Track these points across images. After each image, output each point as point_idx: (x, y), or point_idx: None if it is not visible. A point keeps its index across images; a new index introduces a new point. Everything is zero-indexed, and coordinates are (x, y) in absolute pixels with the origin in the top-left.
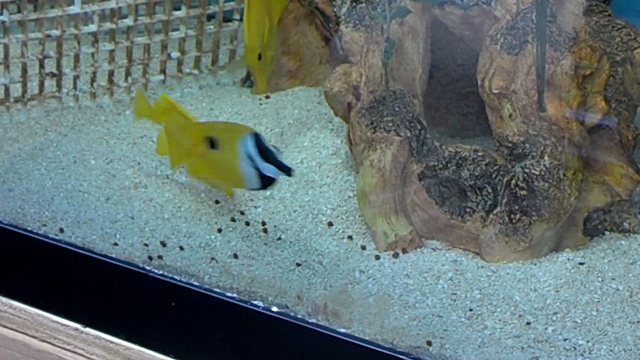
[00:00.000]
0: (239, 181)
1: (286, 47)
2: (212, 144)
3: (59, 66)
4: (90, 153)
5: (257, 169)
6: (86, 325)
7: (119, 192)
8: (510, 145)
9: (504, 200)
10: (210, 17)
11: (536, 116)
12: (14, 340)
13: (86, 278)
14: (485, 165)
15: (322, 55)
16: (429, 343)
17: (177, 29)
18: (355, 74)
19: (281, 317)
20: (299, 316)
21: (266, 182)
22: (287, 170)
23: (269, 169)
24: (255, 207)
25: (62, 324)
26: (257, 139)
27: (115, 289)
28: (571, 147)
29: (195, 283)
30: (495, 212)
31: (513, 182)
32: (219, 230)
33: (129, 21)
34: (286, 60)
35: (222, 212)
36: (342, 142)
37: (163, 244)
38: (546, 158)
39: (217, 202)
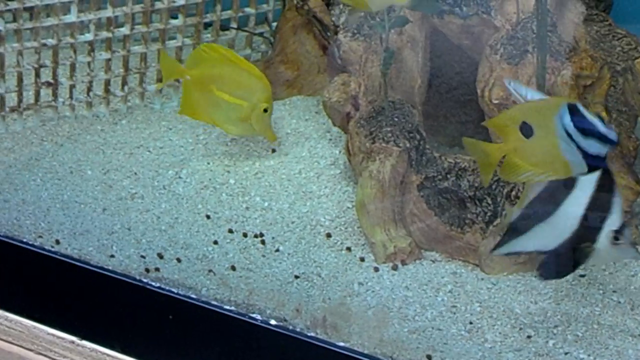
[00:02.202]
0: (566, 168)
1: (284, 56)
2: (526, 131)
3: (55, 75)
4: (87, 163)
5: (580, 149)
6: (82, 338)
7: (116, 203)
8: None
9: (504, 212)
10: (208, 26)
11: None
12: (10, 353)
13: (82, 290)
14: None
15: (320, 65)
16: (429, 357)
17: (174, 38)
18: (354, 83)
19: (279, 330)
20: (298, 329)
21: (592, 162)
22: (610, 141)
23: (591, 146)
24: (253, 218)
25: (58, 337)
26: (574, 111)
27: (111, 301)
28: None
29: (193, 295)
30: (495, 223)
31: (513, 193)
32: (216, 242)
33: (125, 30)
34: (284, 69)
35: (219, 223)
36: (340, 152)
37: (160, 256)
38: None
39: (207, 217)
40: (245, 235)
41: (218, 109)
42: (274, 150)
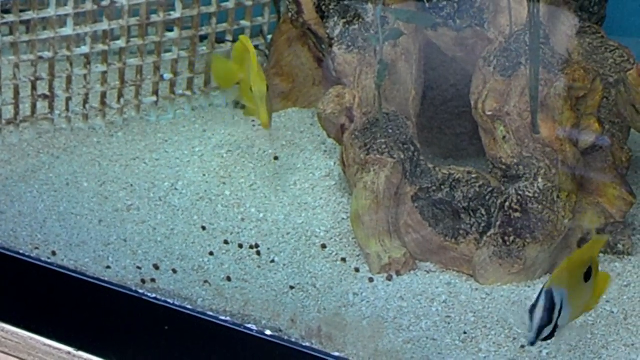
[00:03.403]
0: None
1: (279, 68)
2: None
3: (51, 88)
4: (83, 175)
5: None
6: (78, 348)
7: (112, 215)
8: (503, 167)
9: (498, 222)
10: (203, 39)
11: (530, 138)
12: None
13: (79, 301)
14: (479, 187)
15: (315, 77)
16: None
17: (170, 51)
18: (349, 95)
19: (275, 340)
20: (293, 339)
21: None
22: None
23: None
24: (248, 230)
25: (55, 348)
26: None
27: (108, 312)
28: (565, 169)
29: (189, 306)
30: (489, 234)
31: (507, 204)
32: (212, 253)
33: (121, 43)
34: (279, 81)
35: (215, 234)
36: (335, 164)
37: (156, 267)
38: (540, 180)
39: (203, 228)
40: (240, 246)
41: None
42: (276, 158)
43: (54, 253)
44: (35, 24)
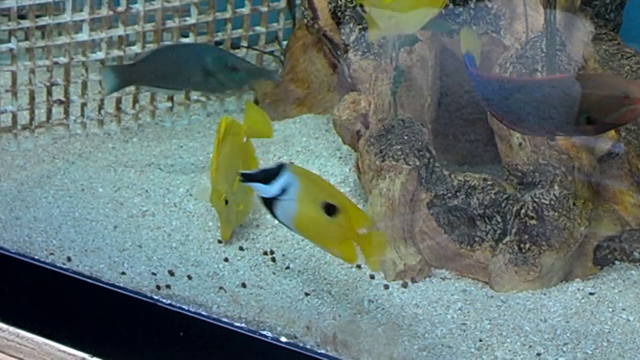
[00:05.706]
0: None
1: (294, 74)
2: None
3: (66, 93)
4: (98, 181)
5: None
6: (93, 354)
7: (127, 221)
8: (519, 174)
9: (514, 230)
10: (218, 44)
11: (546, 145)
12: None
13: (94, 307)
14: (495, 194)
15: (330, 83)
16: None
17: None
18: (364, 102)
19: (290, 347)
20: (308, 346)
21: None
22: None
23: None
24: (264, 236)
25: (69, 354)
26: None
27: (122, 318)
28: (581, 176)
29: (204, 313)
30: (504, 241)
31: (523, 211)
32: (227, 259)
33: (136, 48)
34: (294, 87)
35: (230, 240)
36: (350, 170)
37: (171, 273)
38: (556, 187)
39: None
40: (263, 253)
41: None
42: (291, 164)
43: (69, 259)
44: (51, 29)
